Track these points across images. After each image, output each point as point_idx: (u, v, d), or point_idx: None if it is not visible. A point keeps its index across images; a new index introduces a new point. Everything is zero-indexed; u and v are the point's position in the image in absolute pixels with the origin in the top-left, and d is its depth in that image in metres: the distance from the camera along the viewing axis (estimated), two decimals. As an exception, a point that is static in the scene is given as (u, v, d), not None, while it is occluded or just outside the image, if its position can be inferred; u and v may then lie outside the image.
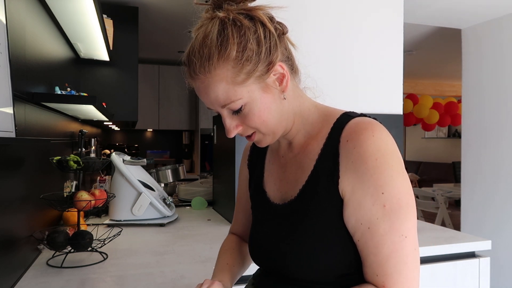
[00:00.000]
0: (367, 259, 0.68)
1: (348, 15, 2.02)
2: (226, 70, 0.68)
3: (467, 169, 3.33)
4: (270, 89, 0.72)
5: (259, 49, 0.68)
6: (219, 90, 0.69)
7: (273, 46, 0.70)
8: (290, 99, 0.76)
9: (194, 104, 5.19)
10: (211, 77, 0.68)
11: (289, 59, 0.76)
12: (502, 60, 3.05)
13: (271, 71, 0.71)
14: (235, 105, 0.70)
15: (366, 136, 0.67)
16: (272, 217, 0.81)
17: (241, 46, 0.67)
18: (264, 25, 0.70)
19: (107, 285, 1.17)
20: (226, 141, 2.03)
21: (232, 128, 0.74)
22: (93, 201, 1.38)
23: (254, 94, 0.70)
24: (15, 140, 0.99)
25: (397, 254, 0.65)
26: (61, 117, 1.87)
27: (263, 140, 0.77)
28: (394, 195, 0.66)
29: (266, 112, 0.72)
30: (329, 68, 1.97)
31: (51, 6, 1.60)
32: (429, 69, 5.91)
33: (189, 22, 0.73)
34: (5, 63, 0.95)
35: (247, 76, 0.68)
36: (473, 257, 1.59)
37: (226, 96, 0.69)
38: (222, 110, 0.72)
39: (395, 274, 0.65)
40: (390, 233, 0.65)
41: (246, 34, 0.68)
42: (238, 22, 0.68)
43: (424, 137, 9.52)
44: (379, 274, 0.66)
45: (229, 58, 0.67)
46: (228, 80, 0.68)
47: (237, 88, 0.69)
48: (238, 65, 0.67)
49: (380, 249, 0.66)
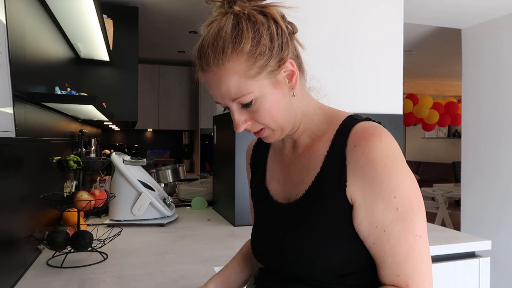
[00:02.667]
0: (385, 261, 0.69)
1: (348, 16, 2.02)
2: (240, 63, 0.68)
3: (467, 169, 3.33)
4: (280, 85, 0.73)
5: (271, 45, 0.70)
6: (231, 83, 0.70)
7: (284, 43, 0.71)
8: (298, 97, 0.77)
9: (194, 104, 5.19)
10: (224, 69, 0.69)
11: (298, 58, 0.78)
12: (501, 60, 3.05)
13: (282, 68, 0.72)
14: (246, 99, 0.71)
15: (375, 142, 0.68)
16: (275, 216, 0.82)
17: (255, 41, 0.69)
18: (276, 22, 0.71)
19: (107, 285, 1.17)
20: (226, 141, 2.03)
21: (241, 123, 0.75)
22: (93, 201, 1.38)
23: (264, 89, 0.71)
24: (15, 140, 0.99)
25: (414, 254, 0.67)
26: (61, 117, 1.87)
27: (271, 136, 0.78)
28: (405, 198, 0.68)
29: (276, 108, 0.73)
30: (329, 68, 1.97)
31: (51, 6, 1.60)
32: (429, 69, 5.91)
33: (189, 22, 0.74)
34: (5, 63, 0.95)
35: (259, 70, 0.69)
36: (473, 257, 1.58)
37: (238, 90, 0.70)
38: (231, 104, 0.73)
39: (415, 273, 0.67)
40: (405, 234, 0.67)
41: (260, 29, 0.69)
42: (253, 17, 0.70)
43: (424, 137, 9.52)
44: (401, 274, 0.67)
45: (243, 51, 0.68)
46: (240, 74, 0.69)
47: (248, 82, 0.70)
48: (251, 59, 0.68)
49: (397, 250, 0.67)
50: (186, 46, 4.28)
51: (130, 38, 2.89)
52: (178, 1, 2.92)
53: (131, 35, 2.90)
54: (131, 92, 2.90)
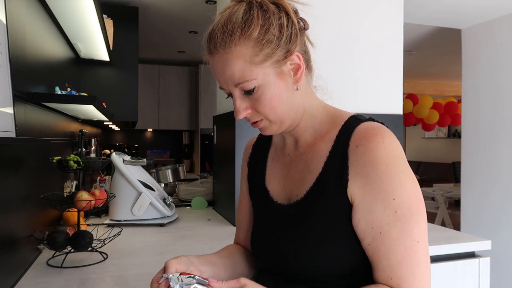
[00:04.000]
0: (379, 263, 0.68)
1: (348, 16, 2.02)
2: (246, 48, 0.69)
3: (467, 169, 3.33)
4: (284, 76, 0.73)
5: (280, 35, 0.70)
6: (236, 67, 0.70)
7: (293, 36, 0.72)
8: (302, 93, 0.77)
9: (194, 104, 5.19)
10: (231, 52, 0.70)
11: (306, 53, 0.78)
12: (501, 60, 3.05)
13: (288, 59, 0.72)
14: (249, 85, 0.71)
15: (377, 143, 0.68)
16: (275, 216, 0.81)
17: (263, 28, 0.70)
18: (288, 14, 0.72)
19: (107, 285, 1.17)
20: (226, 141, 2.03)
21: (242, 110, 0.75)
22: (93, 201, 1.38)
23: (268, 78, 0.71)
24: (15, 140, 0.99)
25: (410, 259, 0.66)
26: (61, 117, 1.87)
27: (268, 128, 0.77)
28: (405, 201, 0.67)
29: (277, 99, 0.73)
30: (328, 68, 1.97)
31: (51, 6, 1.60)
32: (429, 69, 5.91)
33: (189, 22, 0.75)
34: (5, 63, 0.95)
35: (265, 58, 0.70)
36: (473, 257, 1.58)
37: (242, 75, 0.70)
38: (234, 89, 0.73)
39: (409, 277, 0.66)
40: (402, 238, 0.66)
41: (270, 18, 0.70)
42: (265, 6, 0.71)
43: (424, 137, 9.53)
44: (393, 277, 0.67)
45: (251, 37, 0.69)
46: (246, 59, 0.69)
47: (253, 68, 0.70)
48: (258, 46, 0.69)
49: (392, 253, 0.67)
50: (186, 46, 4.27)
51: (130, 38, 2.89)
52: (178, 1, 2.92)
53: (131, 35, 2.90)
54: (131, 92, 2.90)
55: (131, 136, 5.45)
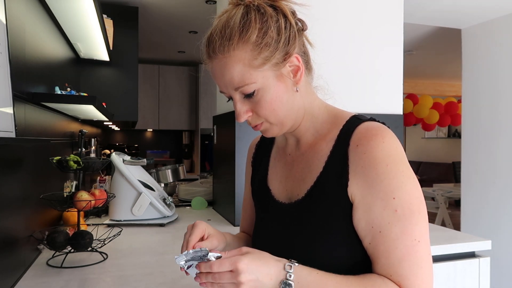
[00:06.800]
0: (378, 261, 0.69)
1: (348, 16, 2.02)
2: (245, 52, 0.69)
3: (467, 169, 3.33)
4: (284, 79, 0.73)
5: (278, 37, 0.70)
6: (235, 71, 0.70)
7: (292, 38, 0.72)
8: (302, 94, 0.77)
9: (194, 104, 5.19)
10: (229, 57, 0.70)
11: (305, 54, 0.78)
12: (501, 60, 3.05)
13: (287, 61, 0.72)
14: (248, 89, 0.71)
15: (377, 142, 0.69)
16: (276, 215, 0.82)
17: (262, 32, 0.70)
18: (286, 16, 0.72)
19: (107, 285, 1.17)
20: (226, 141, 2.03)
21: (243, 113, 0.75)
22: (93, 201, 1.38)
23: (268, 81, 0.71)
24: (15, 140, 0.99)
25: (410, 258, 0.66)
26: (61, 117, 1.87)
27: (269, 130, 0.78)
28: (405, 201, 0.67)
29: (278, 101, 0.73)
30: (329, 69, 1.97)
31: (51, 6, 1.60)
32: (429, 69, 5.91)
33: (189, 22, 0.75)
34: (5, 63, 0.95)
35: (263, 61, 0.70)
36: (473, 257, 1.58)
37: (241, 79, 0.70)
38: (234, 93, 0.73)
39: (410, 276, 0.66)
40: (402, 237, 0.66)
41: (268, 21, 0.70)
42: (262, 9, 0.71)
43: (424, 137, 9.52)
44: (393, 274, 0.67)
45: (249, 41, 0.69)
46: (245, 62, 0.70)
47: (252, 72, 0.70)
48: (257, 49, 0.69)
49: (391, 252, 0.66)
50: (186, 46, 4.28)
51: (130, 38, 2.89)
52: (178, 1, 2.92)
53: (131, 35, 2.90)
54: (131, 92, 2.90)
55: (131, 136, 5.45)
